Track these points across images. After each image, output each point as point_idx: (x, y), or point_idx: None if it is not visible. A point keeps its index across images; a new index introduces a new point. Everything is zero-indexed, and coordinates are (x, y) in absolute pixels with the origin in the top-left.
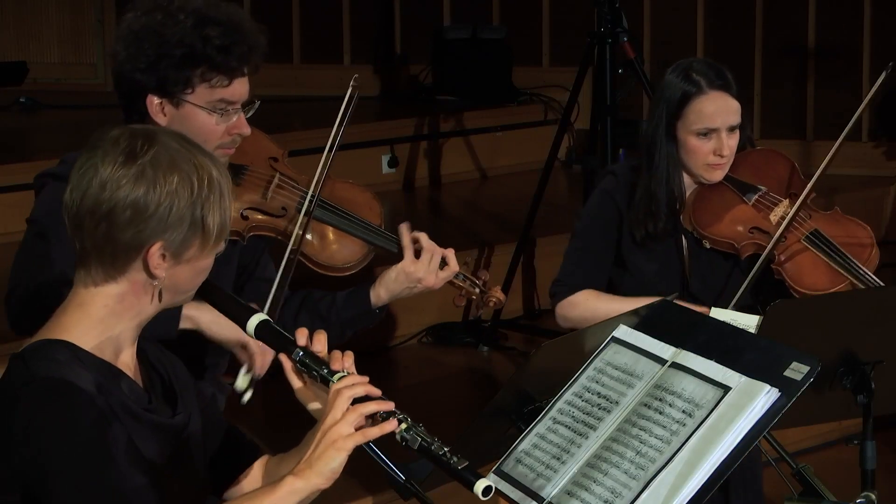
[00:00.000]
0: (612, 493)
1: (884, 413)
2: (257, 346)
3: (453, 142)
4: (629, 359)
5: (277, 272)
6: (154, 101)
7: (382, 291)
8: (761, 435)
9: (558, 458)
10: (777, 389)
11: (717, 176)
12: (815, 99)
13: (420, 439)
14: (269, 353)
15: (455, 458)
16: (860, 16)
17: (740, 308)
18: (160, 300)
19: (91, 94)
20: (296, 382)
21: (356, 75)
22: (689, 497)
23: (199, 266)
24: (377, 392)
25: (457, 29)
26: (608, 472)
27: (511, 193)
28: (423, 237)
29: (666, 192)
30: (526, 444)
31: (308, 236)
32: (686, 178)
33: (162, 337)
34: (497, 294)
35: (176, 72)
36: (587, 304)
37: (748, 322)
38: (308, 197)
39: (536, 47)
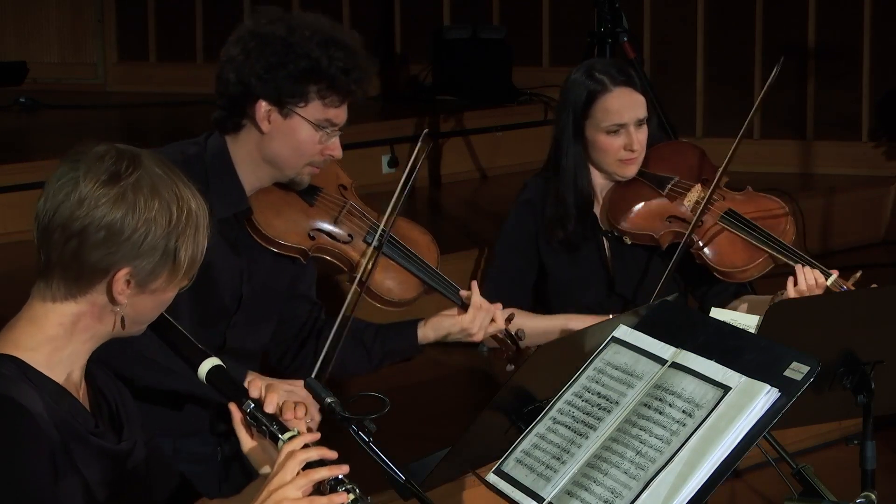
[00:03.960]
0: (612, 493)
1: (884, 413)
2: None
3: (453, 142)
4: (629, 359)
5: (341, 306)
6: (263, 107)
7: (431, 333)
8: (761, 435)
9: (558, 458)
10: (777, 389)
11: (631, 171)
12: (815, 99)
13: None
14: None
15: None
16: (860, 16)
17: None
18: (123, 327)
19: (91, 94)
20: (244, 437)
21: (427, 130)
22: (689, 497)
23: (161, 298)
24: (331, 455)
25: (457, 29)
26: (608, 472)
27: (511, 193)
28: (477, 293)
29: (574, 193)
30: (526, 444)
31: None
32: (601, 179)
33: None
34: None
35: (294, 83)
36: None
37: (748, 322)
38: (379, 231)
39: (536, 47)
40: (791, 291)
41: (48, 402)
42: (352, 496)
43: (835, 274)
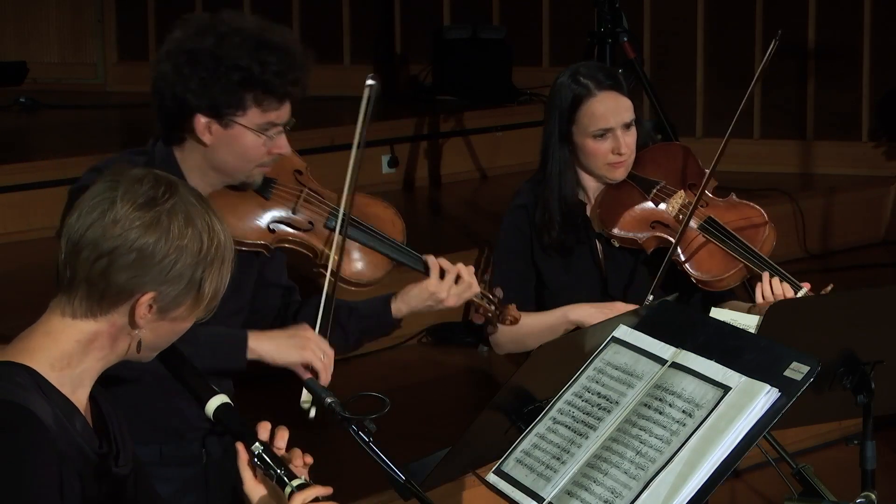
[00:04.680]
0: (612, 493)
1: (884, 413)
2: (321, 363)
3: (453, 142)
4: (629, 359)
5: (310, 292)
6: (202, 121)
7: (403, 306)
8: (761, 435)
9: (558, 458)
10: (777, 389)
11: (620, 174)
12: (815, 99)
13: None
14: (331, 363)
15: None
16: (860, 16)
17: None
18: (138, 351)
19: (91, 94)
20: (248, 477)
21: (371, 73)
22: (689, 497)
23: (179, 327)
24: None
25: (457, 29)
26: (608, 472)
27: (511, 193)
28: (444, 260)
29: (558, 198)
30: (526, 444)
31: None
32: (593, 182)
33: (230, 368)
34: (513, 312)
35: (230, 94)
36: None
37: (748, 322)
38: (340, 216)
39: (536, 47)
40: (758, 299)
41: (58, 415)
42: None
43: (805, 287)
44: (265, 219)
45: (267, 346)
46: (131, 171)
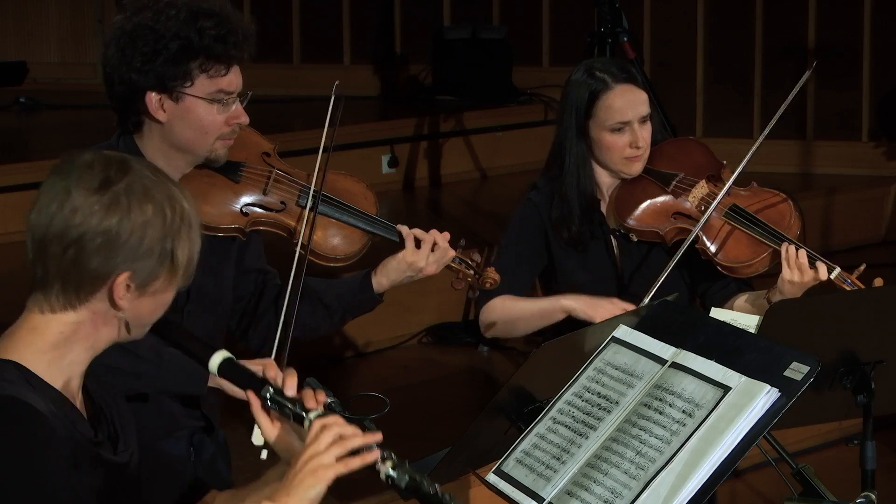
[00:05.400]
0: (612, 493)
1: (884, 413)
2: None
3: (453, 142)
4: (629, 359)
5: (290, 272)
6: (153, 98)
7: (384, 280)
8: (761, 435)
9: (558, 458)
10: (777, 389)
11: (637, 168)
12: (815, 99)
13: (408, 478)
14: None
15: (448, 496)
16: (860, 16)
17: (666, 292)
18: (128, 332)
19: (91, 94)
20: (266, 424)
21: (337, 82)
22: (689, 497)
23: (161, 299)
24: (364, 437)
25: (457, 29)
26: (608, 472)
27: (511, 193)
28: (418, 230)
29: (577, 193)
30: (526, 444)
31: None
32: (606, 177)
33: (190, 393)
34: (492, 275)
35: (174, 66)
36: (503, 307)
37: (748, 322)
38: (311, 193)
39: (536, 47)
40: (785, 274)
41: (52, 409)
42: (390, 462)
43: (838, 268)
44: (237, 203)
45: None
46: (80, 158)
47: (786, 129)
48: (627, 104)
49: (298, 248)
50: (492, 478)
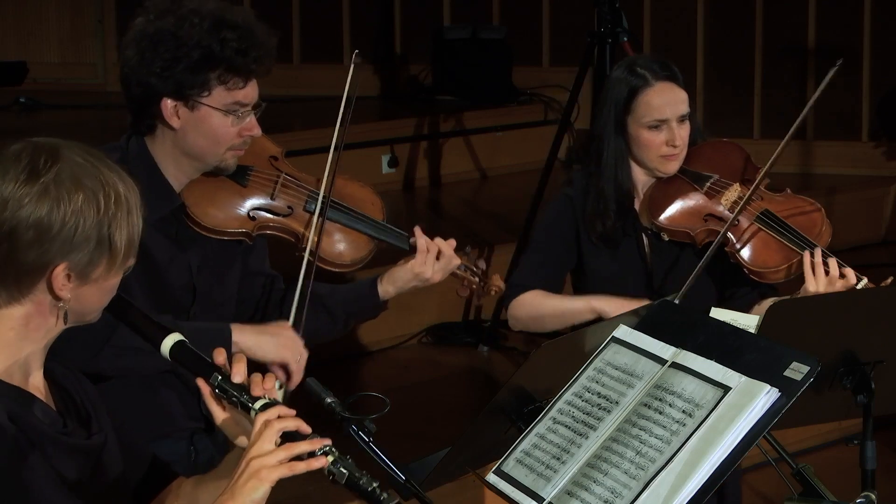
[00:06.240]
0: (612, 493)
1: (884, 413)
2: (296, 366)
3: (453, 142)
4: (629, 359)
5: (298, 277)
6: (169, 105)
7: (391, 287)
8: (761, 435)
9: (558, 459)
10: (777, 389)
11: (673, 167)
12: (816, 99)
13: (347, 473)
14: (304, 365)
15: (385, 495)
16: (860, 16)
17: (697, 294)
18: (66, 322)
19: (91, 94)
20: (216, 410)
21: (357, 51)
22: (689, 497)
23: (106, 285)
24: (307, 428)
25: (457, 29)
26: (608, 472)
27: (511, 193)
28: (421, 236)
29: (614, 187)
30: (526, 444)
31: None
32: (642, 175)
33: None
34: (497, 282)
35: (193, 74)
36: (533, 303)
37: (748, 322)
38: (320, 198)
39: (536, 47)
40: (810, 281)
41: (13, 409)
42: (331, 458)
43: (864, 279)
44: (245, 207)
45: (250, 340)
46: (9, 148)
47: (786, 129)
48: (666, 102)
49: (307, 255)
50: (492, 478)
